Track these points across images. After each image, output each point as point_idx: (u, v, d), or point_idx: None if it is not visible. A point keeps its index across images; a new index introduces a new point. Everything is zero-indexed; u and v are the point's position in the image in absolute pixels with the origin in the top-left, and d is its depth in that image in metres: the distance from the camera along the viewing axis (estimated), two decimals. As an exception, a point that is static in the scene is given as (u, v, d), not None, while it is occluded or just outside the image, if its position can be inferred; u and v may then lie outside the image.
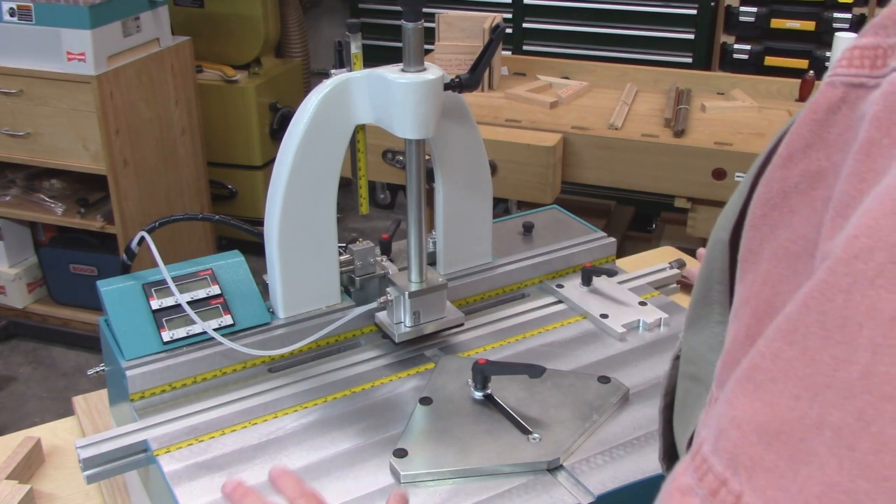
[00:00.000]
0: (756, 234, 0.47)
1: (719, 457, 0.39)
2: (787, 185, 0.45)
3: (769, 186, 0.46)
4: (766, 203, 0.46)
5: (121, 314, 1.06)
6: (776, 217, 0.45)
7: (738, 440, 0.39)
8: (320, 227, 1.10)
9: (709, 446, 0.41)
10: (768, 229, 0.46)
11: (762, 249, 0.46)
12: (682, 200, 2.42)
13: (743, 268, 0.48)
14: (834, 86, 0.43)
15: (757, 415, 0.38)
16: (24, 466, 1.17)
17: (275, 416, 1.02)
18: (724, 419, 0.40)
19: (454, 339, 1.17)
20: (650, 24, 3.64)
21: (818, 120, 0.43)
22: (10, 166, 3.17)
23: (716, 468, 0.39)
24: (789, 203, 0.45)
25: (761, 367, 0.39)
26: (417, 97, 1.00)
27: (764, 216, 0.46)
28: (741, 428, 0.39)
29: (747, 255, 0.47)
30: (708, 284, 0.56)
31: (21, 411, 2.99)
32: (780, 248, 0.45)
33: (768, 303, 0.45)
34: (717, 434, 0.40)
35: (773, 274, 0.45)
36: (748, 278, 0.47)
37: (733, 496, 0.38)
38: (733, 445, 0.39)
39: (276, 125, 3.82)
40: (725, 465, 0.39)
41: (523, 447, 0.94)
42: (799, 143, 0.44)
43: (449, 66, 2.68)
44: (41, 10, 2.81)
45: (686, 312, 0.61)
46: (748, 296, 0.47)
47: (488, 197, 1.23)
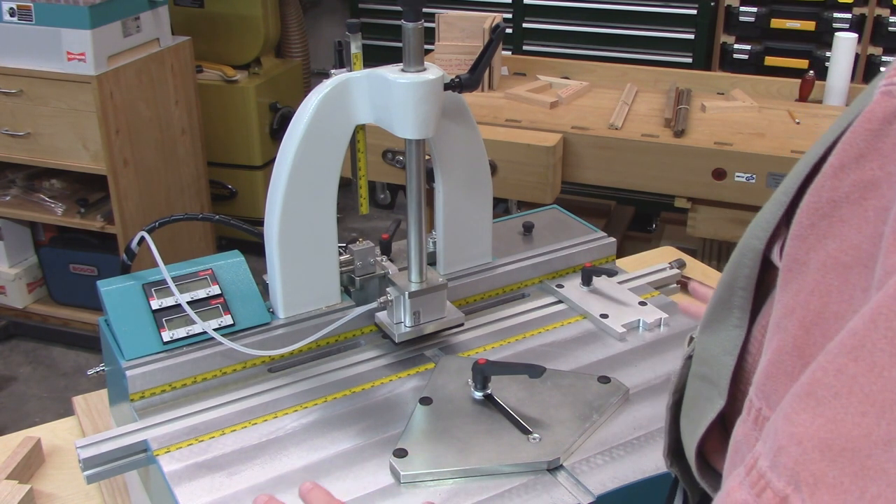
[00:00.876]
0: (802, 245, 0.46)
1: (779, 473, 0.39)
2: (837, 195, 0.44)
3: (818, 196, 0.45)
4: (814, 213, 0.45)
5: (121, 314, 1.06)
6: (825, 227, 0.44)
7: (800, 456, 0.38)
8: (320, 227, 1.10)
9: (766, 462, 0.40)
10: (816, 239, 0.45)
11: (809, 260, 0.45)
12: (682, 200, 2.42)
13: (786, 277, 0.47)
14: (891, 95, 0.42)
15: (820, 431, 0.38)
16: (24, 466, 1.17)
17: (275, 416, 1.02)
18: (783, 435, 0.40)
19: (454, 339, 1.17)
20: (650, 24, 3.63)
21: (873, 130, 0.43)
22: (10, 166, 3.17)
23: (775, 484, 0.39)
24: (840, 213, 0.44)
25: (823, 382, 0.38)
26: (417, 97, 1.00)
27: (812, 226, 0.45)
28: (802, 444, 0.38)
29: (792, 265, 0.47)
30: (731, 289, 0.56)
31: (21, 411, 2.99)
32: (830, 258, 0.44)
33: (817, 314, 0.44)
34: (776, 450, 0.40)
35: (822, 284, 0.44)
36: (792, 288, 0.46)
37: None
38: (794, 462, 0.38)
39: (276, 125, 3.82)
40: (786, 482, 0.38)
41: (523, 447, 0.94)
42: (852, 153, 0.44)
43: (449, 66, 2.68)
44: (41, 10, 2.81)
45: (703, 314, 0.61)
46: (794, 306, 0.46)
47: (488, 197, 1.23)
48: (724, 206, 2.37)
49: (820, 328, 0.44)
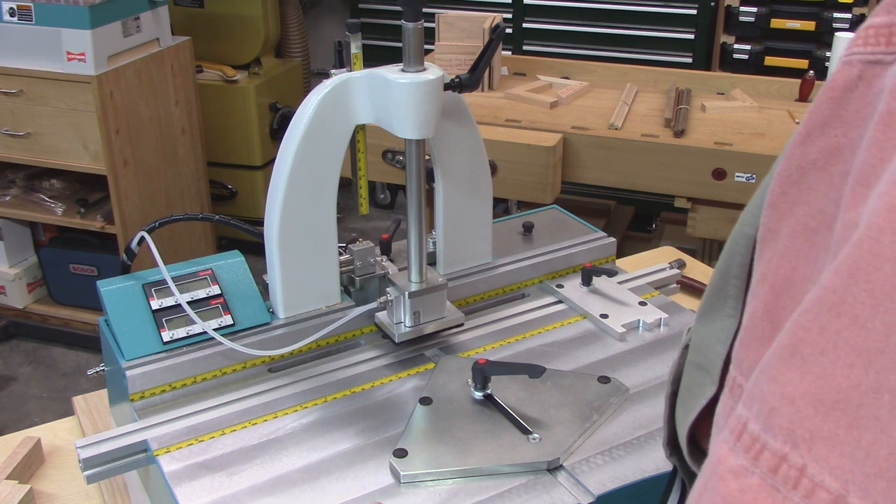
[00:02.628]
0: (774, 213, 0.47)
1: (774, 434, 0.40)
2: (805, 162, 0.46)
3: (788, 164, 0.47)
4: (784, 181, 0.47)
5: (121, 314, 1.06)
6: (794, 194, 0.46)
7: (793, 415, 0.39)
8: (320, 227, 1.10)
9: (758, 424, 0.41)
10: (787, 207, 0.46)
11: (780, 227, 0.47)
12: (682, 200, 2.42)
13: (761, 247, 0.48)
14: (851, 64, 0.44)
15: (810, 388, 0.39)
16: (24, 466, 1.17)
17: (275, 416, 1.02)
18: (774, 396, 0.40)
19: (454, 339, 1.17)
20: (650, 24, 3.64)
21: (835, 98, 0.44)
22: (10, 166, 3.17)
23: (772, 445, 0.40)
24: (807, 180, 0.45)
25: (807, 341, 0.39)
26: (417, 97, 1.00)
27: (783, 194, 0.47)
28: (794, 403, 0.39)
29: (766, 235, 0.48)
30: (725, 278, 0.57)
31: (21, 411, 2.99)
32: (799, 224, 0.45)
33: (786, 278, 0.45)
34: (767, 412, 0.40)
35: (791, 250, 0.45)
36: (766, 256, 0.48)
37: (796, 470, 0.38)
38: (789, 421, 0.39)
39: (276, 125, 3.82)
40: (783, 441, 0.39)
41: (523, 447, 0.94)
42: (817, 121, 0.45)
43: (449, 66, 2.68)
44: (41, 10, 2.81)
45: (700, 303, 0.62)
46: (765, 273, 0.47)
47: (488, 197, 1.23)
48: (724, 206, 2.37)
49: (789, 292, 0.45)
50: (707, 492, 0.43)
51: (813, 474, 0.38)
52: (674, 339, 1.17)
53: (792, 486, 0.39)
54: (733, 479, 0.41)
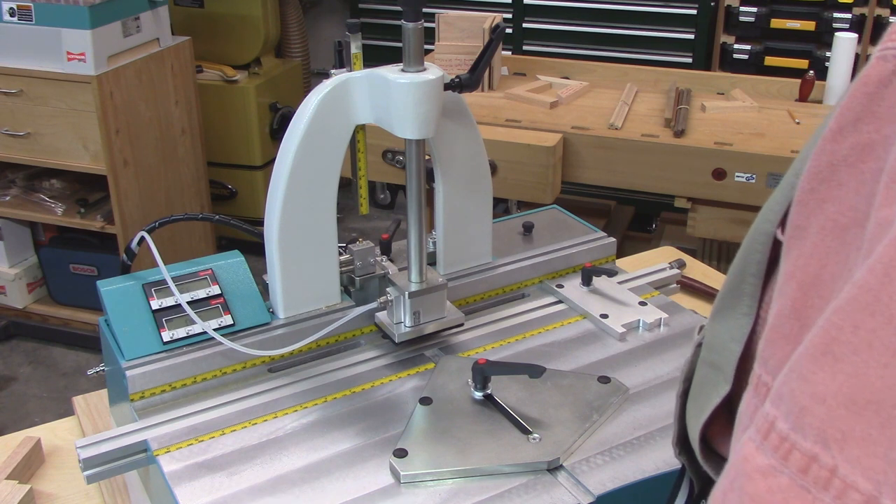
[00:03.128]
0: (803, 210, 0.46)
1: (804, 433, 0.39)
2: (835, 158, 0.45)
3: (818, 160, 0.46)
4: (814, 177, 0.46)
5: (121, 314, 1.06)
6: (824, 191, 0.45)
7: (825, 415, 0.38)
8: (320, 227, 1.10)
9: (787, 424, 0.40)
10: (816, 204, 0.45)
11: (809, 224, 0.46)
12: (682, 200, 2.42)
13: (788, 245, 0.47)
14: (885, 59, 0.43)
15: (842, 387, 0.38)
16: (24, 466, 1.17)
17: (275, 416, 1.02)
18: (804, 395, 0.40)
19: (454, 339, 1.17)
20: (650, 24, 3.64)
21: (869, 93, 0.44)
22: (10, 166, 3.17)
23: (802, 445, 0.39)
24: (838, 176, 0.44)
25: (840, 340, 0.39)
26: (417, 97, 1.00)
27: (812, 191, 0.46)
28: (826, 402, 0.39)
29: (793, 232, 0.47)
30: (741, 276, 0.56)
31: (21, 411, 2.99)
32: (829, 221, 0.45)
33: (815, 276, 0.45)
34: (797, 411, 0.40)
35: (821, 247, 0.45)
36: (793, 254, 0.47)
37: (827, 470, 0.38)
38: (820, 420, 0.38)
39: (276, 125, 3.82)
40: (814, 441, 0.39)
41: (523, 447, 0.94)
42: (849, 117, 0.44)
43: (449, 66, 2.68)
44: (41, 10, 2.81)
45: (714, 300, 0.61)
46: (793, 271, 0.46)
47: (488, 197, 1.23)
48: (724, 206, 2.37)
49: (817, 290, 0.44)
50: (733, 491, 0.43)
51: (844, 475, 0.37)
52: (674, 339, 1.17)
53: (823, 486, 0.38)
54: (761, 479, 0.41)
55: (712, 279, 1.65)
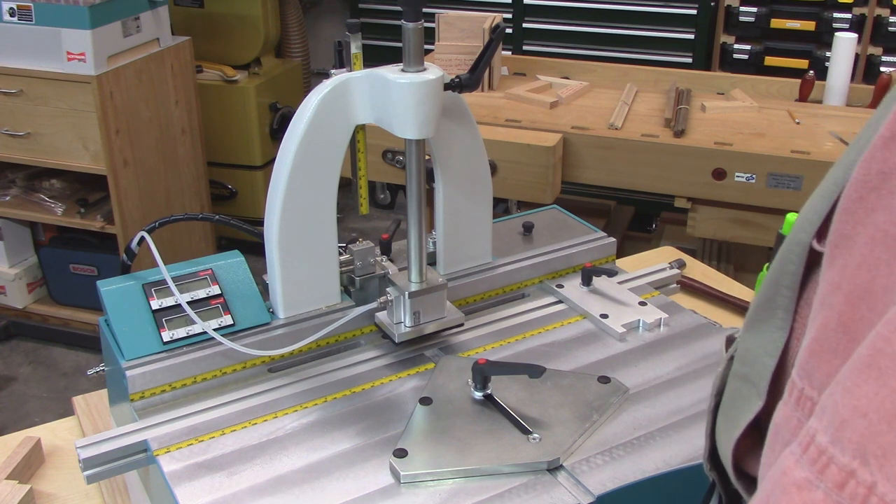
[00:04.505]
0: (850, 218, 0.45)
1: (843, 448, 0.38)
2: (887, 167, 0.43)
3: (867, 168, 0.44)
4: (863, 186, 0.44)
5: (121, 314, 1.06)
6: (874, 200, 0.43)
7: (866, 429, 0.37)
8: (320, 227, 1.10)
9: (826, 437, 0.39)
10: (864, 213, 0.44)
11: (856, 234, 0.44)
12: (682, 200, 2.42)
13: (832, 254, 0.46)
14: None
15: (885, 402, 0.37)
16: (24, 466, 1.17)
17: (275, 416, 1.02)
18: (846, 409, 0.39)
19: (454, 339, 1.17)
20: (650, 24, 3.64)
21: None
22: (10, 166, 3.17)
23: (839, 459, 0.38)
24: (889, 185, 0.43)
25: (886, 352, 0.38)
26: (417, 97, 1.00)
27: (860, 199, 0.44)
28: (867, 416, 0.37)
29: (839, 241, 0.45)
30: (775, 288, 0.54)
31: (21, 411, 2.99)
32: (879, 231, 0.43)
33: (864, 287, 0.43)
34: (838, 424, 0.39)
35: (870, 258, 0.43)
36: (838, 264, 0.45)
37: (865, 487, 0.37)
38: (860, 435, 0.37)
39: (276, 125, 3.82)
40: (852, 456, 0.38)
41: (523, 447, 0.94)
42: None
43: (449, 66, 2.68)
44: (41, 10, 2.81)
45: (747, 312, 0.60)
46: (839, 282, 0.45)
47: (488, 197, 1.23)
48: (724, 206, 2.37)
49: (867, 302, 0.43)
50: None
51: (884, 493, 0.36)
52: (674, 339, 1.17)
53: (860, 503, 0.37)
54: (797, 493, 0.40)
55: (712, 279, 1.65)
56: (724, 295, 1.58)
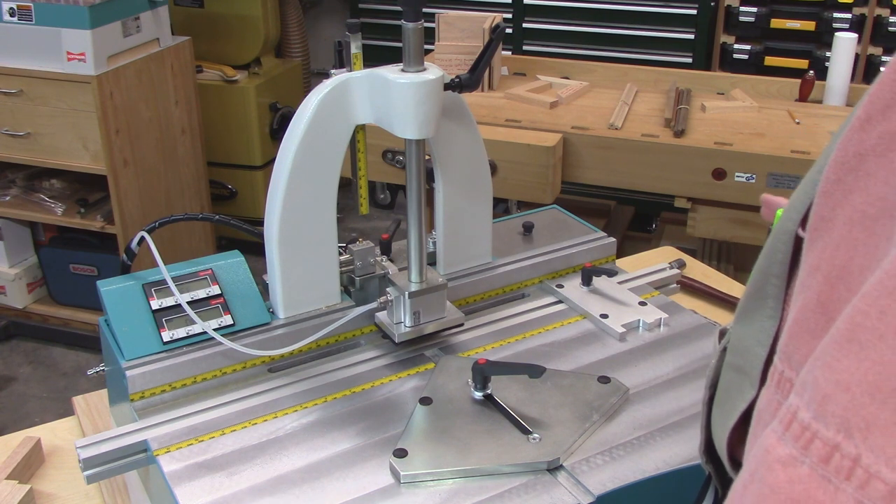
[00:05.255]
0: (828, 201, 0.45)
1: (826, 422, 0.38)
2: (863, 148, 0.43)
3: (845, 150, 0.44)
4: (840, 167, 0.44)
5: (121, 314, 1.06)
6: (851, 181, 0.44)
7: (848, 402, 0.37)
8: (320, 227, 1.10)
9: (809, 413, 0.39)
10: (842, 194, 0.44)
11: (835, 216, 0.44)
12: (682, 200, 2.42)
13: (812, 236, 0.46)
14: None
15: (867, 374, 0.37)
16: (24, 466, 1.17)
17: (275, 416, 1.02)
18: (828, 384, 0.39)
19: (454, 339, 1.17)
20: (650, 24, 3.64)
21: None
22: (10, 166, 3.17)
23: (823, 434, 0.38)
24: (866, 166, 0.43)
25: (866, 326, 0.38)
26: (417, 97, 1.00)
27: (838, 181, 0.44)
28: (850, 390, 0.37)
29: (818, 224, 0.46)
30: (765, 277, 0.55)
31: (21, 411, 2.99)
32: (856, 211, 0.43)
33: (842, 268, 0.43)
34: (820, 399, 0.39)
35: (848, 238, 0.43)
36: (818, 246, 0.45)
37: (849, 459, 0.37)
38: (843, 409, 0.37)
39: (276, 125, 3.82)
40: (836, 430, 0.38)
41: (523, 447, 0.94)
42: (878, 105, 0.43)
43: (449, 66, 2.68)
44: (41, 10, 2.81)
45: (739, 303, 0.60)
46: (818, 263, 0.45)
47: (488, 197, 1.23)
48: (724, 206, 2.37)
49: (844, 282, 0.43)
50: (754, 482, 0.41)
51: (868, 464, 0.36)
52: (674, 339, 1.17)
53: (845, 476, 0.37)
54: (781, 470, 0.40)
55: (712, 279, 1.65)
56: (724, 295, 1.58)
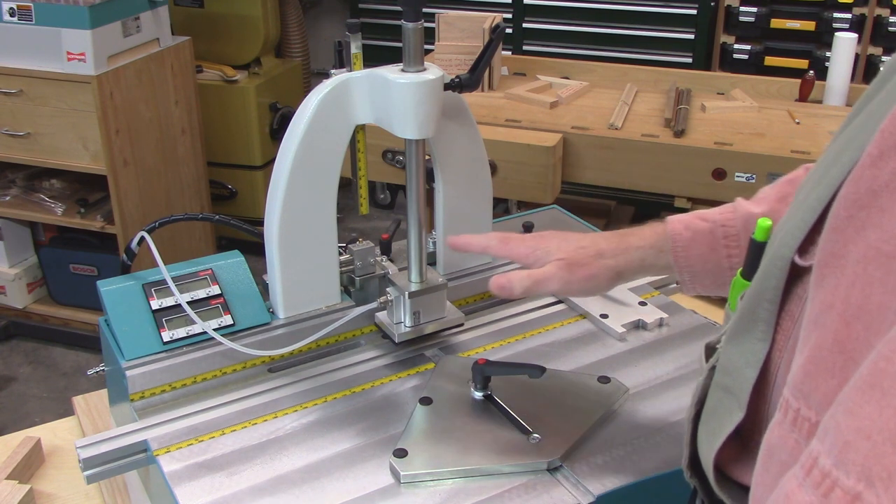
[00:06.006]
0: (840, 237, 0.44)
1: (847, 470, 0.38)
2: (876, 184, 0.43)
3: (856, 186, 0.44)
4: (852, 204, 0.44)
5: (121, 314, 1.06)
6: (864, 218, 0.43)
7: (870, 451, 0.37)
8: (320, 227, 1.10)
9: (829, 460, 0.39)
10: (854, 231, 0.44)
11: (847, 252, 0.44)
12: (682, 200, 2.42)
13: (822, 273, 0.46)
14: None
15: (889, 422, 0.37)
16: (24, 466, 1.17)
17: (275, 416, 1.02)
18: (849, 430, 0.38)
19: (454, 339, 1.17)
20: (650, 24, 3.64)
21: None
22: (10, 166, 3.17)
23: (844, 482, 0.38)
24: (879, 202, 0.43)
25: (888, 372, 0.37)
26: (417, 97, 1.00)
27: (850, 217, 0.44)
28: (871, 438, 0.37)
29: (828, 260, 0.45)
30: (757, 301, 0.55)
31: (21, 411, 2.99)
32: (871, 249, 0.43)
33: (859, 307, 0.43)
34: (841, 446, 0.38)
35: (863, 276, 0.43)
36: (829, 283, 0.45)
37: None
38: (864, 457, 0.37)
39: (276, 125, 3.82)
40: (857, 479, 0.37)
41: (523, 447, 0.94)
42: (891, 141, 0.42)
43: (449, 66, 2.68)
44: (41, 10, 2.81)
45: (729, 323, 0.60)
46: (832, 301, 0.44)
47: (488, 197, 1.23)
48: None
49: (862, 321, 0.43)
50: None
51: None
52: (674, 340, 1.17)
53: None
54: None
55: (712, 279, 1.65)
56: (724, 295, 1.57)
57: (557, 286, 0.96)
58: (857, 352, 0.42)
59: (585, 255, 0.95)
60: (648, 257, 0.95)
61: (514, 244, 1.01)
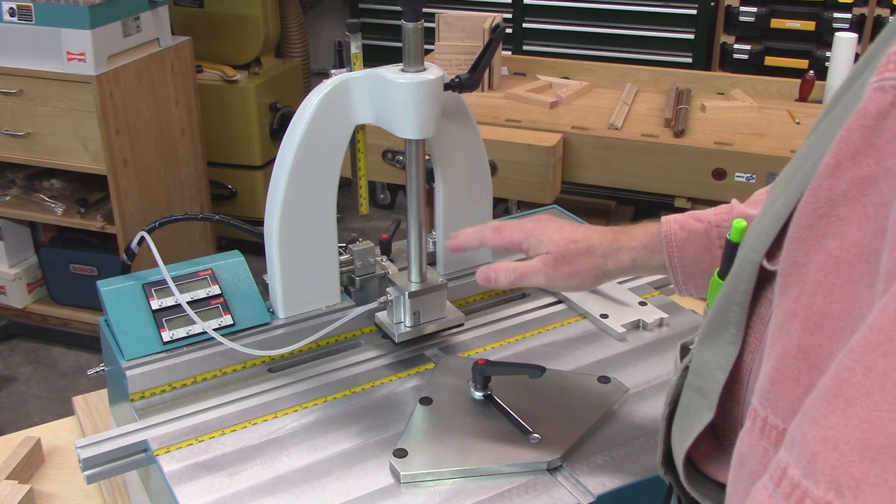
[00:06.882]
0: (801, 247, 0.45)
1: (816, 480, 0.38)
2: (835, 194, 0.43)
3: (815, 196, 0.44)
4: (812, 213, 0.45)
5: (121, 314, 1.06)
6: (823, 227, 0.44)
7: (837, 461, 0.37)
8: (320, 227, 1.10)
9: (798, 470, 0.39)
10: (815, 240, 0.44)
11: (808, 261, 0.45)
12: (682, 200, 2.42)
13: (786, 281, 0.46)
14: (883, 90, 0.42)
15: (855, 431, 0.37)
16: (24, 466, 1.17)
17: (275, 416, 1.02)
18: (816, 440, 0.38)
19: (454, 339, 1.17)
20: (650, 24, 3.64)
21: (867, 126, 0.42)
22: (10, 166, 3.17)
23: (814, 493, 0.38)
24: (838, 211, 0.43)
25: (852, 382, 0.38)
26: (417, 97, 1.00)
27: (810, 227, 0.45)
28: (838, 448, 0.37)
29: (791, 269, 0.46)
30: (727, 304, 0.55)
31: (21, 411, 2.99)
32: (830, 257, 0.43)
33: (821, 314, 0.43)
34: (809, 457, 0.39)
35: (824, 285, 0.43)
36: (792, 292, 0.45)
37: None
38: (832, 467, 0.37)
39: (276, 125, 3.82)
40: (826, 488, 0.37)
41: (523, 447, 0.94)
42: (847, 151, 0.43)
43: (449, 66, 2.68)
44: (41, 10, 2.81)
45: (702, 325, 0.60)
46: (795, 310, 0.45)
47: (488, 197, 1.23)
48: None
49: (825, 329, 0.43)
50: None
51: None
52: (674, 340, 1.17)
53: None
54: None
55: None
56: (724, 295, 1.57)
57: (542, 280, 0.98)
58: (821, 359, 0.43)
59: (575, 250, 0.96)
60: (640, 257, 0.96)
61: (507, 231, 1.04)
